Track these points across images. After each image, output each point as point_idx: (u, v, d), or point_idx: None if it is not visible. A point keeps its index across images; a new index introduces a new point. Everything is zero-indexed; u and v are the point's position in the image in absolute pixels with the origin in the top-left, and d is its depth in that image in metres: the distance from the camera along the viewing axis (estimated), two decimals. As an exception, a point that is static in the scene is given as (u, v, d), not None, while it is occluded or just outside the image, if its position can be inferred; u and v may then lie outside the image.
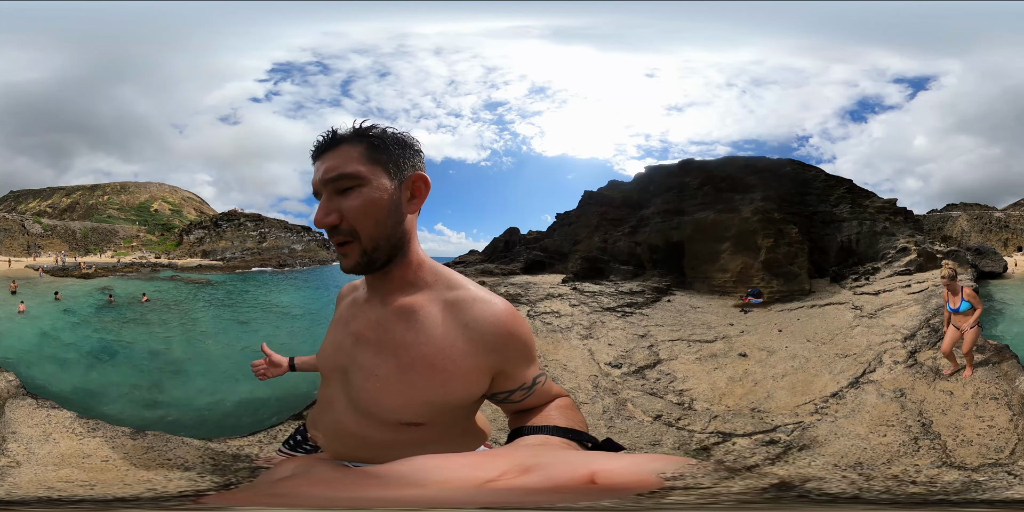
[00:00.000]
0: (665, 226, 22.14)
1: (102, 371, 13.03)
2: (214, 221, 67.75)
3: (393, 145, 1.40)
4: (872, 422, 6.22)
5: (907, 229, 22.06)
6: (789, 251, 18.99)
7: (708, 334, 12.92)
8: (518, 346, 1.42)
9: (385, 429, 1.42)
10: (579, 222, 26.98)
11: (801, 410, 7.35)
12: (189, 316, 22.99)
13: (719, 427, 6.80)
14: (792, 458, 5.77)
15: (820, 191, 23.97)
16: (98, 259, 52.96)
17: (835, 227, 22.31)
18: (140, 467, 3.31)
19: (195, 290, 33.66)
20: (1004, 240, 41.34)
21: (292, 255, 62.05)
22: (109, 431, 4.07)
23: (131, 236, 66.83)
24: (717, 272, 19.39)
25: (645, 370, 9.68)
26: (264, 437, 5.45)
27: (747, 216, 19.88)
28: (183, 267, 52.09)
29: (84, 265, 43.56)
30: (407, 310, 1.42)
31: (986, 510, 1.00)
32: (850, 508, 0.91)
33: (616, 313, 14.77)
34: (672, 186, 24.60)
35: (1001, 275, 26.47)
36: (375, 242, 1.37)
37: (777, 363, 9.94)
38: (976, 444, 5.05)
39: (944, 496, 1.06)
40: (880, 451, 5.52)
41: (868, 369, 8.52)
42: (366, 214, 1.35)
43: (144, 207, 78.04)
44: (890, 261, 19.48)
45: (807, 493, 0.89)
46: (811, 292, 17.99)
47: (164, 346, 16.24)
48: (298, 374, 2.51)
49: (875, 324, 11.68)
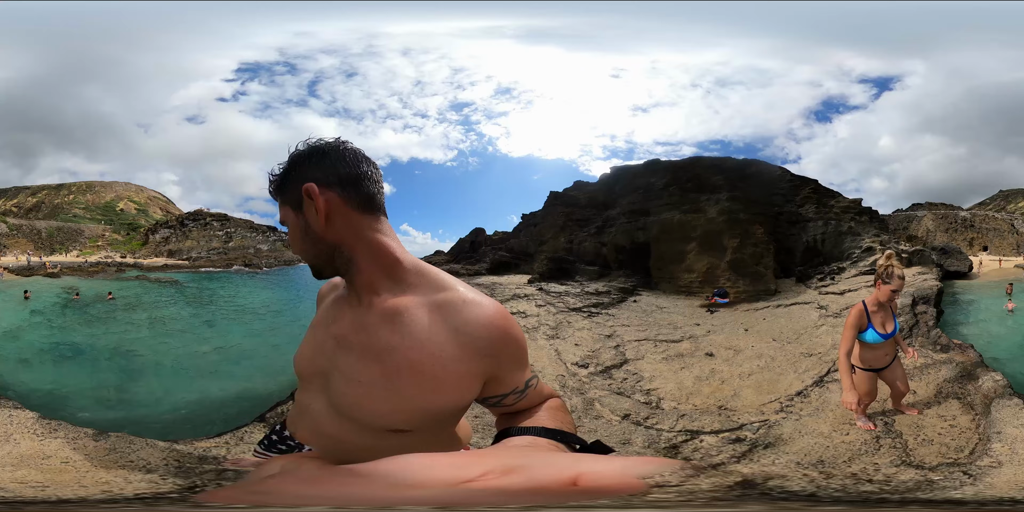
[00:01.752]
0: (631, 227, 22.09)
1: (67, 371, 12.89)
2: (180, 221, 67.25)
3: (282, 180, 1.42)
4: (835, 420, 6.14)
5: (872, 229, 22.21)
6: (755, 251, 19.04)
7: (674, 334, 12.82)
8: (511, 350, 1.40)
9: (369, 434, 1.38)
10: (545, 223, 26.83)
11: (767, 408, 7.31)
12: (155, 315, 22.62)
13: (687, 426, 6.72)
14: (757, 456, 5.73)
15: (786, 191, 24.04)
16: (64, 258, 52.35)
17: (801, 227, 22.37)
18: (100, 469, 3.20)
19: (161, 289, 33.29)
20: (969, 239, 41.86)
21: (258, 255, 61.59)
22: (72, 432, 3.96)
23: (97, 235, 65.97)
24: (683, 272, 19.32)
25: (612, 370, 9.56)
26: (231, 438, 5.25)
27: (713, 216, 19.87)
28: (149, 266, 51.47)
29: (50, 264, 42.79)
30: (391, 312, 1.36)
31: (934, 510, 0.97)
32: (809, 506, 0.90)
33: (582, 313, 14.61)
34: (638, 187, 24.59)
35: (966, 275, 26.79)
36: (308, 261, 1.43)
37: (743, 362, 9.89)
38: (937, 443, 4.97)
39: (897, 495, 1.01)
40: (842, 449, 5.46)
41: (833, 368, 8.40)
42: (293, 246, 1.44)
43: (110, 206, 76.96)
44: (855, 261, 19.55)
45: (769, 491, 0.89)
46: (777, 292, 18.03)
47: (129, 345, 15.97)
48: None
49: (840, 323, 11.45)
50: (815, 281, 18.60)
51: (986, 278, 25.97)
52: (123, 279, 38.61)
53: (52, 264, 43.24)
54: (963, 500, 1.04)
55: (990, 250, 40.90)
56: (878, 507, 0.98)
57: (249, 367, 13.85)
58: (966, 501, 1.05)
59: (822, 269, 19.60)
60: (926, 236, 41.11)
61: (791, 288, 18.55)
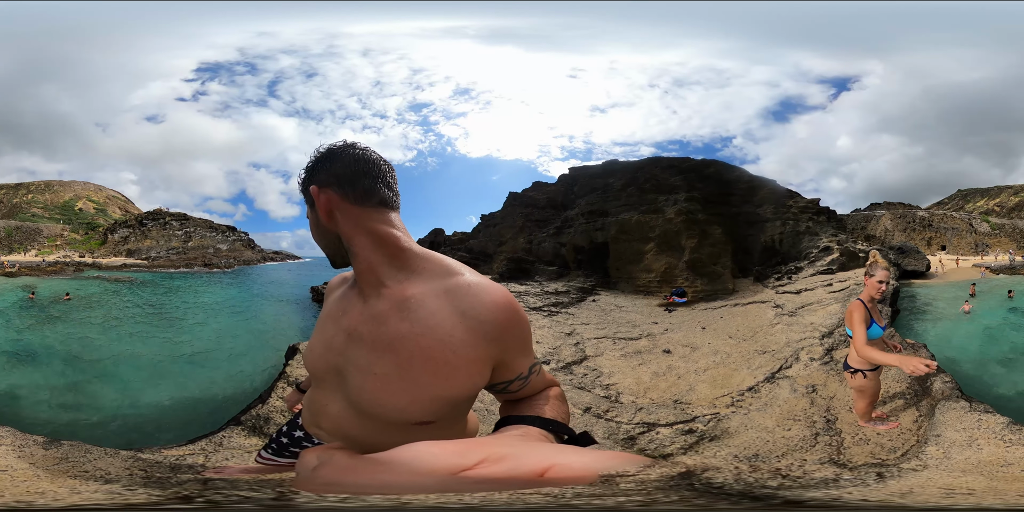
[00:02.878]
0: (589, 227, 22.10)
1: (21, 372, 12.51)
2: (139, 220, 66.85)
3: (302, 184, 1.50)
4: (781, 416, 6.25)
5: (830, 228, 22.48)
6: (713, 251, 19.18)
7: (633, 332, 13.06)
8: (517, 334, 1.42)
9: (393, 431, 1.38)
10: (504, 223, 26.79)
11: (719, 402, 7.49)
12: (113, 315, 22.17)
13: (644, 418, 6.84)
14: (703, 448, 5.82)
15: (744, 192, 24.14)
16: (22, 258, 51.79)
17: (759, 227, 22.56)
18: (43, 480, 2.85)
19: (120, 288, 32.62)
20: (927, 239, 42.52)
21: (217, 255, 61.49)
22: (19, 439, 3.56)
23: (55, 235, 65.01)
24: (641, 272, 19.38)
25: (573, 366, 9.77)
26: (207, 445, 4.87)
27: (671, 217, 19.95)
28: (107, 266, 51.17)
29: (7, 264, 42.15)
30: (400, 301, 1.38)
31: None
32: (712, 501, 0.87)
33: (543, 312, 14.90)
34: (596, 187, 24.71)
35: (924, 274, 27.06)
36: (328, 255, 1.51)
37: (699, 358, 10.10)
38: (872, 443, 4.88)
39: (798, 491, 0.82)
40: (780, 444, 5.53)
41: (784, 365, 8.55)
42: (316, 242, 1.54)
43: (68, 206, 76.04)
44: (813, 260, 19.74)
45: (699, 481, 0.91)
46: (734, 291, 18.24)
47: (87, 346, 15.59)
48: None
49: (795, 322, 11.78)
50: (772, 280, 18.74)
51: (945, 278, 26.22)
52: (81, 278, 37.83)
53: (10, 263, 42.68)
54: (847, 504, 0.88)
55: (948, 249, 41.58)
56: (782, 504, 0.94)
57: (209, 369, 13.66)
58: (850, 505, 0.89)
59: (780, 269, 19.80)
60: (884, 235, 41.66)
61: (748, 287, 18.77)
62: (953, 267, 30.46)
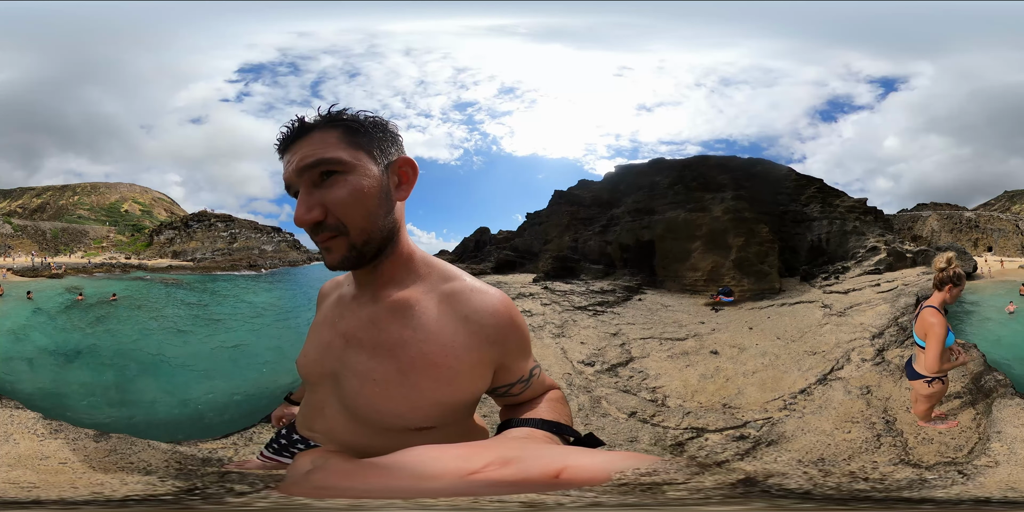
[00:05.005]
0: (636, 225, 22.02)
1: (70, 371, 12.80)
2: (184, 222, 66.66)
3: (372, 128, 1.30)
4: (838, 419, 6.20)
5: (877, 228, 22.14)
6: (760, 250, 19.01)
7: (679, 332, 12.89)
8: (517, 337, 1.39)
9: (390, 437, 1.31)
10: (549, 221, 26.76)
11: (770, 406, 7.38)
12: (159, 315, 22.51)
13: (692, 423, 6.77)
14: (760, 453, 5.77)
15: (791, 190, 23.98)
16: (68, 259, 51.92)
17: (806, 226, 22.33)
18: (98, 470, 3.18)
19: (165, 289, 33.04)
20: (974, 240, 41.68)
21: (263, 256, 61.46)
22: (72, 433, 3.91)
23: (101, 237, 65.65)
24: (688, 271, 19.29)
25: (618, 368, 9.63)
26: (239, 439, 5.22)
27: (718, 215, 19.84)
28: (153, 268, 51.05)
29: (54, 265, 42.67)
30: (401, 305, 1.34)
31: (922, 508, 0.99)
32: (797, 503, 0.92)
33: (588, 312, 14.77)
34: (642, 185, 24.48)
35: (971, 275, 26.65)
36: (366, 235, 1.27)
37: (748, 360, 9.95)
38: (936, 442, 4.96)
39: (889, 493, 1.05)
40: (843, 447, 5.50)
41: (836, 366, 8.56)
42: (355, 204, 1.25)
43: (114, 208, 76.64)
44: (860, 260, 19.55)
45: (768, 488, 0.91)
46: (781, 291, 18.03)
47: (133, 346, 15.90)
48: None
49: (844, 322, 11.74)
50: (820, 280, 18.61)
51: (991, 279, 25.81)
52: (127, 279, 38.54)
53: (56, 265, 43.23)
54: (949, 500, 1.06)
55: (995, 251, 40.75)
56: (869, 505, 1.00)
57: (255, 367, 13.86)
58: (953, 501, 1.08)
59: (827, 268, 19.62)
60: (931, 236, 40.95)
61: (796, 287, 18.55)
62: (999, 269, 29.93)
